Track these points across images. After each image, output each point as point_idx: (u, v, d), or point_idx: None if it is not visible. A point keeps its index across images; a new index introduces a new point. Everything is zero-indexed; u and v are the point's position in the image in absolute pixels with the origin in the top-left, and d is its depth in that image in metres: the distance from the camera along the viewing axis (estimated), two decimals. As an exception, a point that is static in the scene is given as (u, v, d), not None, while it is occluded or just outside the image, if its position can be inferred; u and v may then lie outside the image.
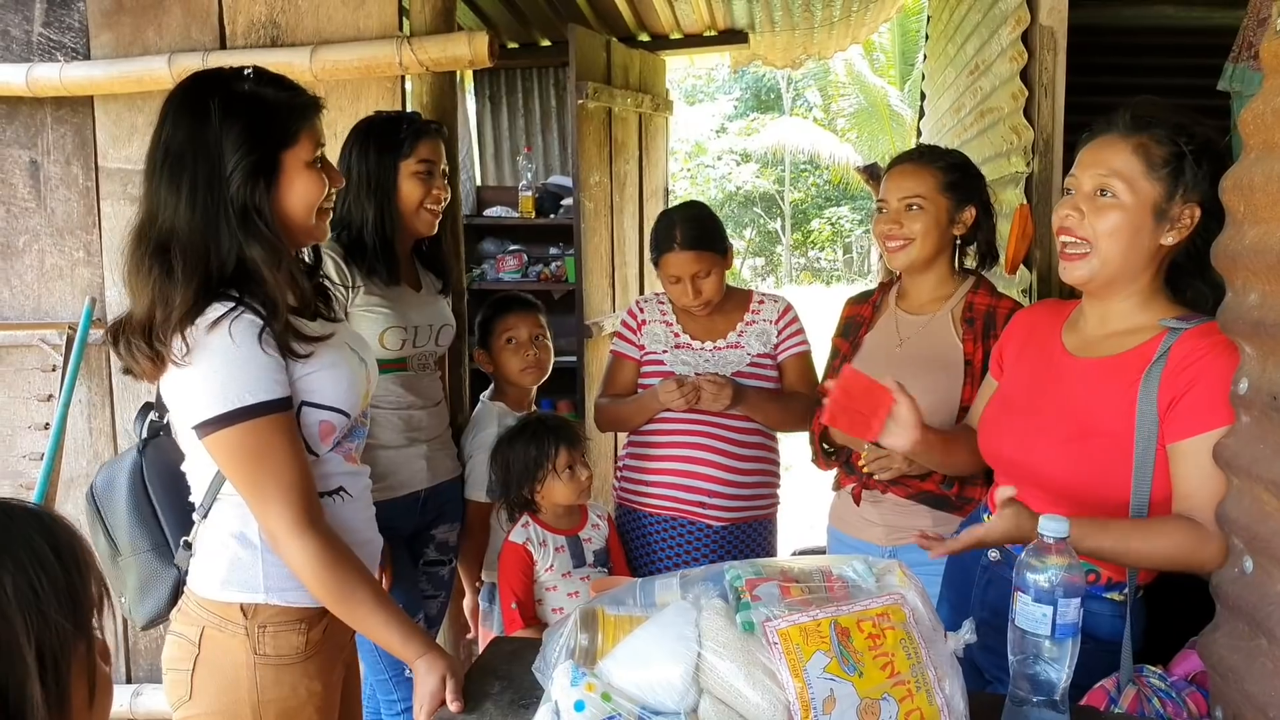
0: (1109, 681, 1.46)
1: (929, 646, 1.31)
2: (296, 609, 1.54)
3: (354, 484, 1.65)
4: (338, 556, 1.48)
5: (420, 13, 2.60)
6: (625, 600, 1.43)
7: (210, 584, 1.54)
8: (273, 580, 1.52)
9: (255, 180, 1.46)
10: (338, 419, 1.57)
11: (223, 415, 1.43)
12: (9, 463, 2.92)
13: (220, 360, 1.42)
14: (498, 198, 5.30)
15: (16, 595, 0.80)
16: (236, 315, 1.44)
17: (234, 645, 1.52)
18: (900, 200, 2.10)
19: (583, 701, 1.26)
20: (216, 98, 1.46)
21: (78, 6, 2.78)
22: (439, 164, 2.33)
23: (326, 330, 1.56)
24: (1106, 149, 1.52)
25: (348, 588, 1.48)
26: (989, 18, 3.15)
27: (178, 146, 1.46)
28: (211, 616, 1.54)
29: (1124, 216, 1.48)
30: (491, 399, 2.72)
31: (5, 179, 2.86)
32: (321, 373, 1.53)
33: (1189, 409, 1.42)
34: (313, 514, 1.48)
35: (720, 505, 2.47)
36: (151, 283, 1.44)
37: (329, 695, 1.61)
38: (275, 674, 1.53)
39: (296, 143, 1.50)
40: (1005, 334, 1.84)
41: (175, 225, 1.44)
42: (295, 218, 1.53)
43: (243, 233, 1.46)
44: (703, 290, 2.46)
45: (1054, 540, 1.34)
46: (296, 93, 1.54)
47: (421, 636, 1.54)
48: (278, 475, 1.45)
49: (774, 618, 1.29)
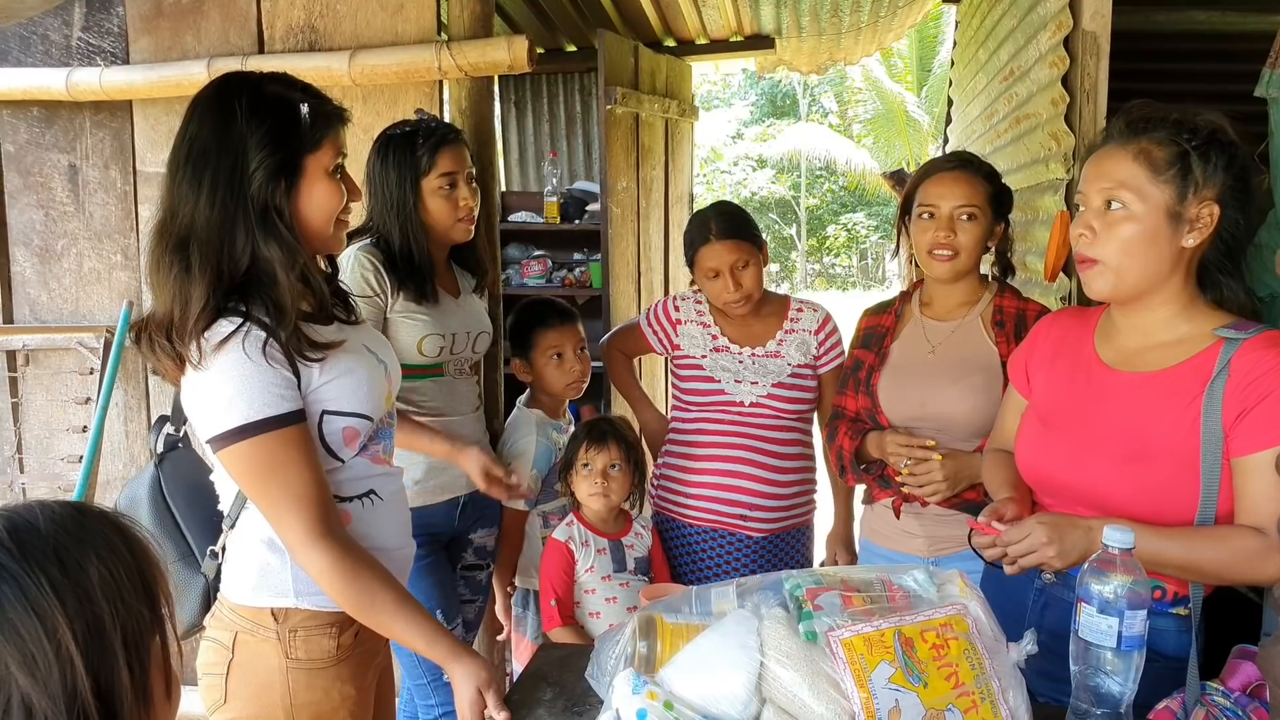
0: (1174, 702, 1.43)
1: (992, 657, 1.30)
2: (327, 613, 1.54)
3: (385, 486, 1.64)
4: (356, 564, 1.47)
5: (459, 18, 2.61)
6: (681, 608, 1.42)
7: (242, 589, 1.54)
8: (302, 584, 1.52)
9: (277, 180, 1.46)
10: (360, 424, 1.56)
11: (233, 430, 1.42)
12: (46, 465, 2.94)
13: (228, 376, 1.42)
14: (522, 203, 5.30)
15: (101, 584, 0.82)
16: (246, 331, 1.43)
17: (267, 650, 1.52)
18: (954, 208, 2.05)
19: (645, 710, 1.25)
20: (244, 98, 1.47)
21: (117, 11, 2.80)
22: (462, 172, 2.29)
23: (339, 336, 1.56)
24: (1107, 160, 1.49)
25: (369, 594, 1.47)
26: (1025, 23, 3.13)
27: (202, 144, 1.46)
28: (244, 621, 1.54)
29: (1137, 227, 1.45)
30: (527, 405, 2.71)
31: (44, 183, 2.88)
32: (339, 380, 1.52)
33: (1259, 423, 1.39)
34: (328, 524, 1.47)
35: (761, 518, 2.45)
36: (172, 280, 1.44)
37: (362, 699, 1.61)
38: (308, 678, 1.53)
39: (320, 148, 1.50)
40: (1028, 344, 1.79)
41: (194, 221, 1.44)
42: (313, 224, 1.52)
43: (261, 232, 1.45)
44: (743, 282, 2.41)
45: (1120, 550, 1.32)
46: (323, 100, 1.55)
47: (448, 639, 1.53)
48: (290, 488, 1.44)
49: (837, 627, 1.28)
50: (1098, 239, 1.48)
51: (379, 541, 1.57)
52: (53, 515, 0.84)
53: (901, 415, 2.12)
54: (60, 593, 0.79)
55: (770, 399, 2.45)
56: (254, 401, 1.42)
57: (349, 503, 1.58)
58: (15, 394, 3.00)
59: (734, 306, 2.46)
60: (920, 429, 2.09)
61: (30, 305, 2.96)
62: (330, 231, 1.55)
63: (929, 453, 2.02)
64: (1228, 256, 1.49)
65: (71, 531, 0.83)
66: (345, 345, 1.55)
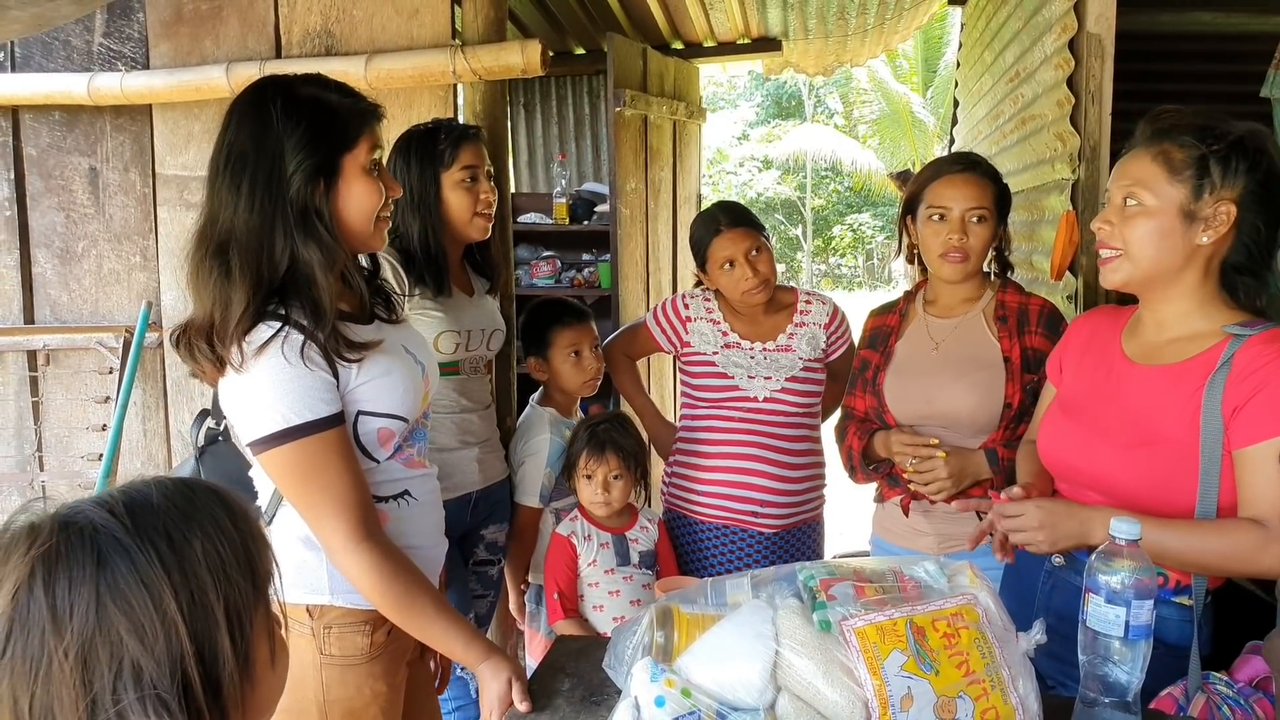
0: (1177, 689, 1.46)
1: (1002, 646, 1.32)
2: (361, 611, 1.55)
3: (420, 487, 1.65)
4: (396, 567, 1.48)
5: (473, 22, 2.64)
6: (696, 599, 1.45)
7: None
8: (338, 582, 1.53)
9: (315, 182, 1.47)
10: (396, 425, 1.57)
11: (273, 435, 1.44)
12: (66, 463, 2.98)
13: (269, 380, 1.43)
14: (532, 204, 5.35)
15: (205, 558, 0.86)
16: (286, 335, 1.44)
17: (301, 645, 1.53)
18: (966, 210, 2.06)
19: (663, 697, 1.28)
20: (279, 100, 1.48)
21: (137, 17, 2.84)
22: (482, 168, 2.33)
23: (378, 336, 1.57)
24: (1131, 162, 1.58)
25: (408, 598, 1.49)
26: (1031, 25, 3.16)
27: (240, 148, 1.47)
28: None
29: (1150, 220, 1.52)
30: (540, 403, 2.74)
31: (65, 185, 2.93)
32: (376, 381, 1.53)
33: (1255, 415, 1.43)
34: (369, 526, 1.48)
35: (773, 513, 2.47)
36: (212, 284, 1.45)
37: (393, 696, 1.63)
38: (341, 674, 1.55)
39: (356, 146, 1.51)
40: (1064, 340, 1.85)
41: (234, 225, 1.45)
42: (354, 223, 1.53)
43: (300, 234, 1.46)
44: (759, 267, 2.43)
45: (1126, 541, 1.35)
46: (358, 99, 1.56)
47: (483, 642, 1.55)
48: (330, 491, 1.46)
49: (850, 616, 1.30)
50: (1115, 230, 1.57)
51: (413, 540, 1.59)
52: (166, 492, 0.88)
53: (908, 413, 2.15)
54: (167, 565, 0.83)
55: (783, 393, 2.47)
56: (295, 405, 1.43)
57: (385, 503, 1.59)
58: (36, 393, 3.04)
59: (753, 294, 2.46)
60: (926, 427, 2.12)
61: (51, 306, 3.00)
62: (371, 230, 1.56)
63: (933, 450, 2.05)
64: (1248, 258, 1.54)
65: (181, 508, 0.87)
66: (383, 345, 1.56)
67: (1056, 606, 1.66)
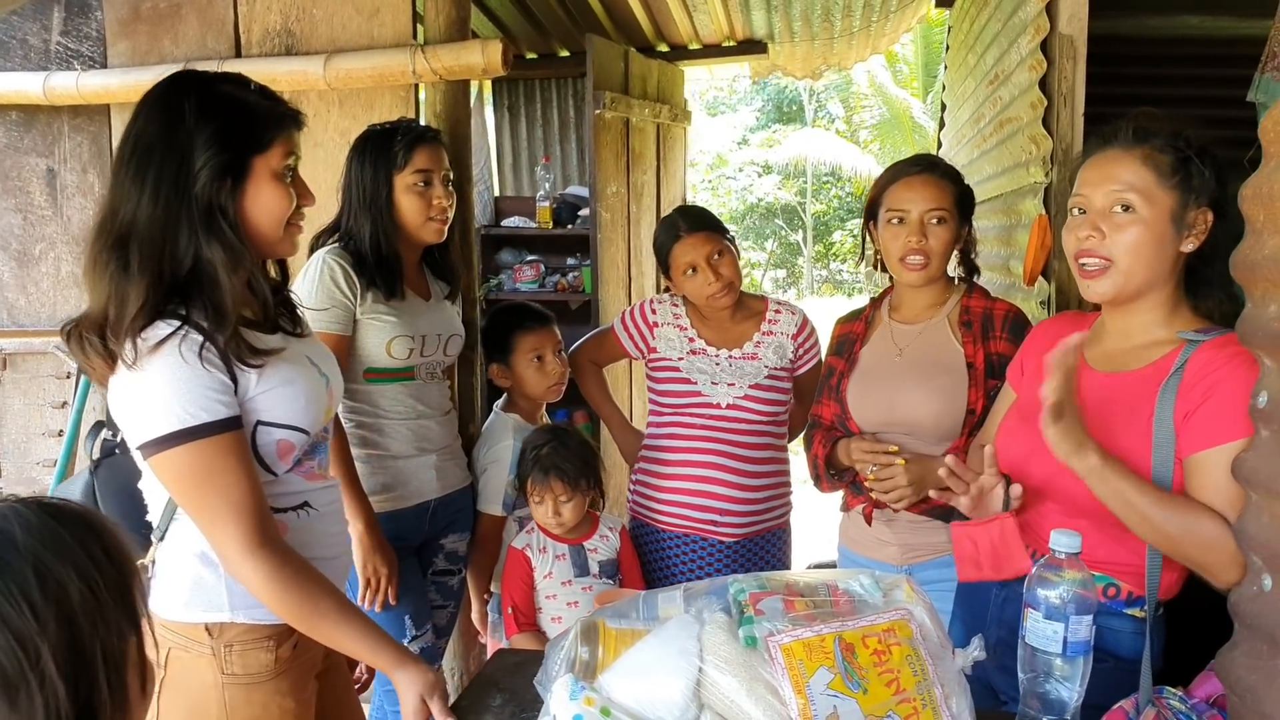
0: (1128, 703, 1.42)
1: (936, 663, 1.28)
2: (264, 626, 1.49)
3: (321, 498, 1.60)
4: (295, 573, 1.43)
5: (434, 22, 2.60)
6: (628, 613, 1.41)
7: (173, 605, 1.49)
8: (238, 597, 1.47)
9: (223, 180, 1.42)
10: (296, 437, 1.52)
11: (167, 436, 1.38)
12: (24, 469, 2.94)
13: (163, 379, 1.38)
14: (515, 208, 5.31)
15: (81, 603, 0.80)
16: (184, 335, 1.39)
17: (201, 666, 1.47)
18: (924, 212, 2.02)
19: (581, 715, 1.24)
20: (194, 95, 1.44)
21: (95, 16, 2.80)
22: (438, 172, 2.28)
23: (281, 344, 1.51)
24: (1114, 164, 1.49)
25: (310, 604, 1.43)
26: (1009, 27, 3.11)
27: (147, 141, 1.42)
28: (176, 638, 1.48)
29: (1145, 230, 1.46)
30: (504, 409, 2.70)
31: (23, 187, 2.89)
32: (277, 390, 1.48)
33: (1205, 421, 1.38)
34: (265, 533, 1.42)
35: (733, 522, 2.43)
36: (109, 278, 1.40)
37: (302, 711, 1.56)
38: (245, 693, 1.48)
39: (270, 150, 1.47)
40: (1026, 344, 1.80)
41: (136, 219, 1.40)
42: (261, 227, 1.49)
43: (204, 232, 1.41)
44: (721, 271, 2.40)
45: (1066, 555, 1.31)
46: (278, 103, 1.52)
47: (392, 647, 1.50)
48: (226, 496, 1.39)
49: (777, 632, 1.26)
50: (1107, 239, 1.48)
51: (315, 550, 1.53)
52: (28, 526, 0.81)
53: (871, 419, 2.11)
54: (42, 620, 0.77)
55: (747, 400, 2.43)
56: (189, 406, 1.38)
57: (284, 514, 1.53)
58: (-6, 398, 3.00)
59: (718, 298, 2.43)
60: (889, 433, 2.08)
61: (8, 309, 2.96)
62: (279, 235, 1.51)
63: (892, 458, 2.00)
64: (1209, 263, 1.49)
65: (50, 545, 0.81)
66: (286, 354, 1.51)
67: (1009, 619, 1.62)
